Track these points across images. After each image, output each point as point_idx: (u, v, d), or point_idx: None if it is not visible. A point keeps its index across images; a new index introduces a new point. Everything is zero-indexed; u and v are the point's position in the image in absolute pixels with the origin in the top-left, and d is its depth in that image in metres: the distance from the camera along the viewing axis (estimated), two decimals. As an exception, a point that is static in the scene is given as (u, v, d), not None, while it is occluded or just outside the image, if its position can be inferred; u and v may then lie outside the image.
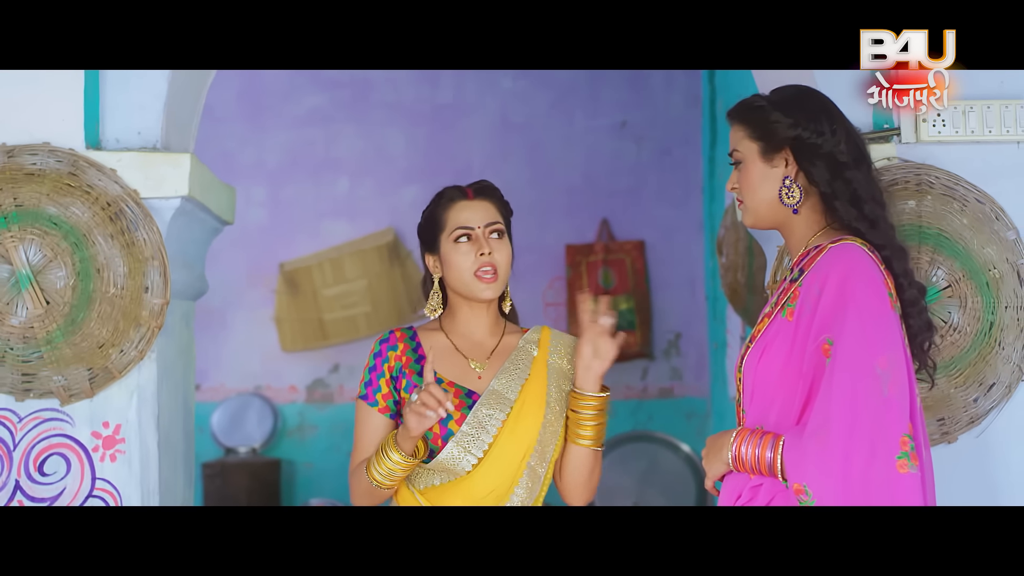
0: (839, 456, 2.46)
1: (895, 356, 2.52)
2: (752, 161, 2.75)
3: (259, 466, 6.96)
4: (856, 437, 2.47)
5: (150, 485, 3.61)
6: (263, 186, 7.17)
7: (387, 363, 2.95)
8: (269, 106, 7.27)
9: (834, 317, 2.54)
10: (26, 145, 3.54)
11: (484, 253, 2.91)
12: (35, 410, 3.56)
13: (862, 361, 2.50)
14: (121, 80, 3.63)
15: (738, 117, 2.80)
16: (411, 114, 7.29)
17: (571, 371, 2.99)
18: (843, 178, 2.68)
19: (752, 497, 2.60)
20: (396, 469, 2.82)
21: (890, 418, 2.48)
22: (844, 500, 2.46)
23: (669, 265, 7.09)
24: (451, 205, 2.98)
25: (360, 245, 7.19)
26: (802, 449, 2.52)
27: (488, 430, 2.88)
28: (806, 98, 2.78)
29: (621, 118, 7.21)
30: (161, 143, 3.63)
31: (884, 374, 2.49)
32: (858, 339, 2.51)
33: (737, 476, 2.66)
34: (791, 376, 2.62)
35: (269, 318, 7.29)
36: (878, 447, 2.46)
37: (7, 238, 3.49)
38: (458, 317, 3.03)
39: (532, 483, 2.90)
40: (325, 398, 7.27)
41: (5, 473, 3.57)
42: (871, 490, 2.45)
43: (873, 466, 2.46)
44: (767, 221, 2.77)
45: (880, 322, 2.54)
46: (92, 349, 3.51)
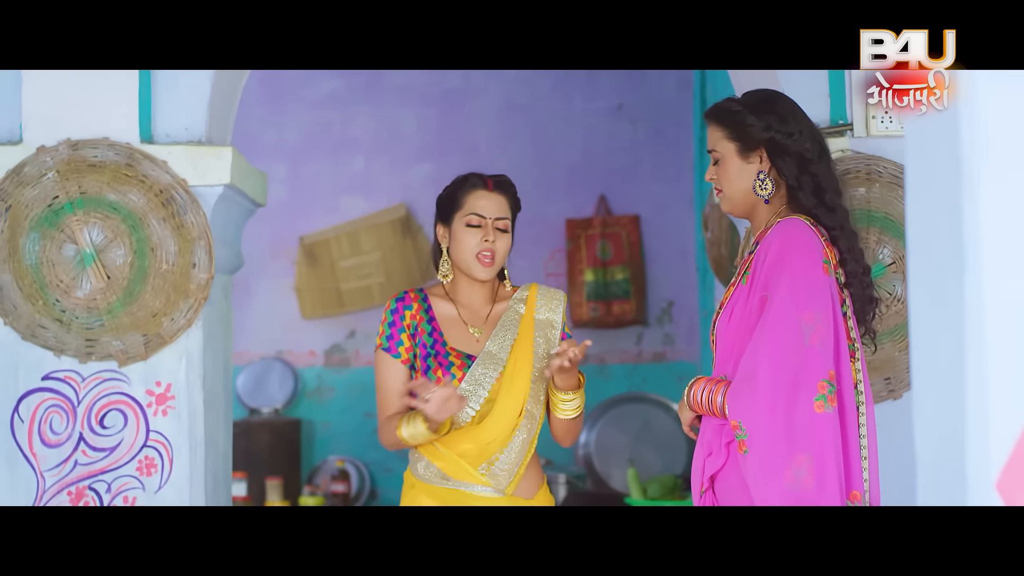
0: (766, 397, 2.67)
1: (822, 313, 2.71)
2: (730, 159, 2.94)
3: (281, 425, 6.94)
4: (780, 380, 2.67)
5: (196, 436, 3.79)
6: (284, 165, 7.14)
7: (404, 320, 3.21)
8: (289, 91, 7.23)
9: (771, 277, 2.76)
10: (88, 140, 3.72)
11: (488, 240, 3.18)
12: (96, 371, 3.76)
13: (789, 315, 2.70)
14: (170, 82, 3.81)
15: (716, 120, 2.97)
16: (422, 97, 7.24)
17: (557, 321, 3.26)
18: (809, 172, 2.89)
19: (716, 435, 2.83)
20: (420, 437, 3.08)
21: (810, 365, 2.67)
22: (770, 434, 2.66)
23: (662, 238, 7.08)
24: (472, 191, 3.23)
25: (375, 220, 7.20)
26: (736, 391, 2.73)
27: (484, 386, 3.16)
28: (776, 102, 2.97)
29: (617, 101, 7.18)
30: (205, 137, 3.82)
31: (808, 327, 2.68)
32: (788, 296, 2.72)
33: (707, 420, 2.89)
34: (744, 331, 2.82)
35: (290, 288, 7.31)
36: (798, 390, 2.66)
37: (73, 221, 3.68)
38: (459, 286, 3.27)
39: (530, 424, 3.17)
40: (342, 362, 7.29)
41: (70, 426, 3.74)
42: (792, 426, 2.66)
43: (794, 405, 2.66)
44: (741, 208, 2.97)
45: (811, 283, 2.74)
46: (147, 318, 3.72)
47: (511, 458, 3.17)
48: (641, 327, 7.16)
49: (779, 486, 2.65)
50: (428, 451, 3.18)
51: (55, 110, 3.77)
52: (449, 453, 3.15)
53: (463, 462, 3.15)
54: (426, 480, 3.20)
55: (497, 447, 3.15)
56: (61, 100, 3.77)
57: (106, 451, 3.76)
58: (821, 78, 3.76)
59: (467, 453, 3.16)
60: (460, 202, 3.24)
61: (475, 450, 3.15)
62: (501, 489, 3.16)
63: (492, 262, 3.21)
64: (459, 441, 3.15)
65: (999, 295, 1.83)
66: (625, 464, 6.30)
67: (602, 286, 7.07)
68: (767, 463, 2.67)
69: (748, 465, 2.70)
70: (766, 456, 2.67)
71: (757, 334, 2.74)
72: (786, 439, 2.66)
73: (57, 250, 3.71)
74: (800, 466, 2.64)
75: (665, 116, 7.04)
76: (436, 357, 3.19)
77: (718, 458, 2.83)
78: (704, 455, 2.86)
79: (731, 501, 2.81)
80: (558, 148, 7.22)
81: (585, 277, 7.10)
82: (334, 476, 6.41)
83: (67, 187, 3.70)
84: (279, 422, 7.00)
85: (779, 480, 2.65)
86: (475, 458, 3.16)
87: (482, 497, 3.15)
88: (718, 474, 2.84)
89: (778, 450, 2.67)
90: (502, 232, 3.23)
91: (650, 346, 7.20)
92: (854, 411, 2.78)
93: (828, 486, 2.65)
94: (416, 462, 3.22)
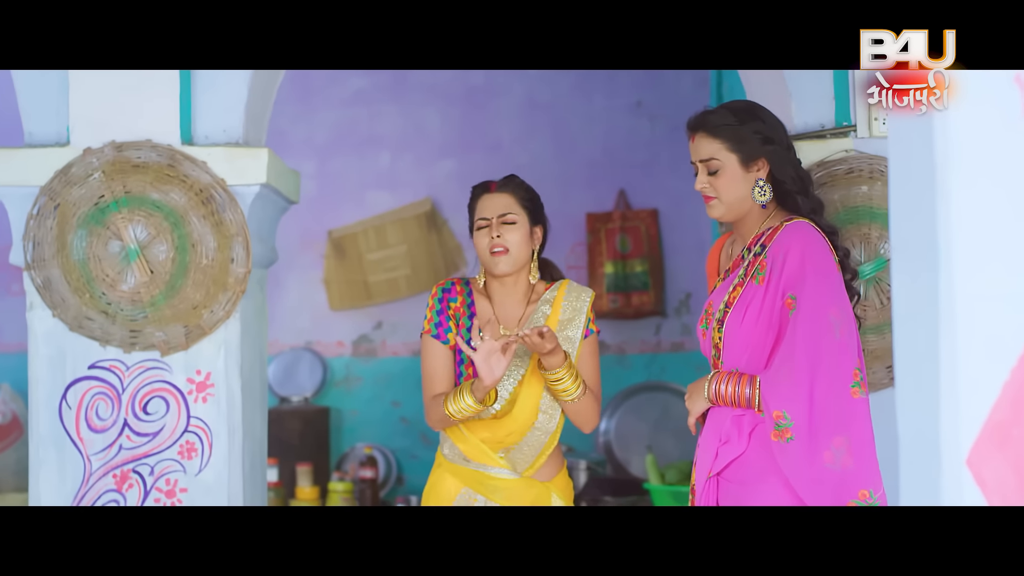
0: (806, 386, 2.82)
1: (844, 307, 2.89)
2: (731, 168, 3.03)
3: (310, 413, 7.02)
4: (819, 370, 2.83)
5: (234, 422, 3.91)
6: (313, 161, 7.18)
7: (450, 309, 3.36)
8: (318, 90, 7.25)
9: (796, 278, 2.88)
10: (132, 142, 3.85)
11: (495, 236, 3.32)
12: (140, 360, 3.89)
13: (819, 311, 2.85)
14: (208, 86, 3.93)
15: (712, 132, 3.06)
16: (446, 95, 7.25)
17: (580, 320, 3.39)
18: (799, 176, 3.07)
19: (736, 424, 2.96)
20: (467, 410, 3.23)
21: (843, 355, 2.84)
22: (813, 421, 2.81)
23: (680, 231, 7.08)
24: (478, 199, 3.42)
25: (400, 214, 7.25)
26: (776, 384, 2.87)
27: (506, 387, 3.32)
28: (763, 112, 3.10)
29: (636, 98, 7.18)
30: (242, 139, 3.94)
31: (836, 322, 2.85)
32: (816, 295, 2.86)
33: (718, 411, 3.02)
34: (761, 328, 2.95)
35: (319, 280, 7.34)
36: (836, 378, 2.83)
37: (119, 219, 3.81)
38: (491, 287, 3.43)
39: (548, 422, 3.33)
40: (369, 352, 7.34)
41: (115, 412, 3.87)
42: (833, 412, 2.82)
43: (833, 392, 2.82)
44: (735, 214, 3.06)
45: (831, 281, 2.90)
46: (188, 310, 3.85)
47: (528, 449, 3.35)
48: (659, 318, 7.18)
49: (822, 468, 2.81)
50: (454, 434, 3.36)
51: (100, 114, 3.89)
52: (472, 437, 3.33)
53: (483, 446, 3.32)
54: (451, 460, 3.38)
55: (514, 439, 3.32)
56: (106, 104, 3.89)
57: (149, 436, 3.89)
58: (826, 81, 3.86)
59: (487, 440, 3.33)
60: (472, 211, 3.45)
61: (494, 439, 3.33)
62: (518, 472, 3.33)
63: (504, 252, 3.34)
64: (481, 429, 3.33)
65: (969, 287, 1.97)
66: (644, 451, 6.42)
67: (622, 278, 7.10)
68: (810, 448, 2.82)
69: (790, 452, 2.84)
70: (810, 442, 2.82)
71: (791, 332, 2.88)
72: (828, 425, 2.82)
73: (103, 246, 3.84)
74: (839, 447, 2.80)
75: (683, 113, 6.37)
76: None
77: (737, 446, 2.96)
78: (718, 443, 2.99)
79: (752, 484, 2.94)
80: (579, 144, 7.24)
81: (605, 269, 7.12)
82: (362, 462, 6.54)
83: (112, 187, 3.83)
84: (309, 410, 7.08)
85: (819, 462, 2.81)
86: (494, 444, 3.34)
87: (500, 479, 3.33)
88: (734, 461, 2.97)
89: (820, 435, 2.82)
90: (510, 225, 3.36)
91: (668, 336, 7.22)
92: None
93: (871, 463, 2.83)
94: (443, 444, 3.41)
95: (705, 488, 3.03)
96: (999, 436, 2.00)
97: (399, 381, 7.24)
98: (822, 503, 2.82)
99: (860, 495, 2.82)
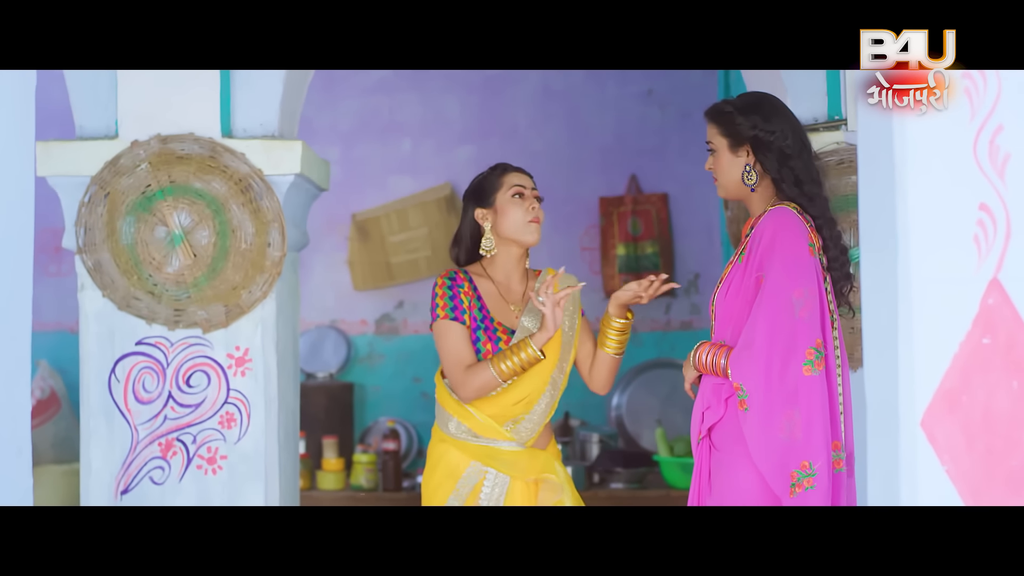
0: (762, 361, 2.97)
1: (809, 289, 2.99)
2: (723, 152, 3.22)
3: (335, 389, 7.10)
4: (774, 347, 2.97)
5: (271, 394, 4.10)
6: (337, 146, 7.25)
7: (460, 294, 3.44)
8: (342, 79, 7.29)
9: (766, 258, 3.02)
10: (175, 135, 4.04)
11: (534, 208, 3.46)
12: (183, 337, 4.08)
13: (782, 291, 2.98)
14: (246, 84, 4.12)
15: (711, 118, 3.25)
16: (465, 83, 7.31)
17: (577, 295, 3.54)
18: (788, 166, 3.15)
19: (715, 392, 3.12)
20: (526, 362, 3.34)
21: (799, 334, 2.97)
22: (766, 394, 2.95)
23: (689, 215, 7.16)
24: (507, 172, 3.52)
25: (422, 198, 7.33)
26: (737, 357, 3.02)
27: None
28: (762, 104, 3.22)
29: (648, 87, 7.27)
30: (277, 132, 4.13)
31: (798, 302, 2.97)
32: (780, 275, 2.99)
33: (706, 378, 3.18)
34: (740, 304, 3.10)
35: (343, 261, 7.43)
36: (789, 355, 2.96)
37: (164, 207, 3.99)
38: (498, 262, 3.49)
39: (553, 391, 3.49)
40: (391, 330, 7.43)
41: (160, 385, 4.06)
42: (785, 387, 2.95)
43: (786, 368, 2.96)
44: (732, 195, 3.25)
45: (799, 264, 3.01)
46: (228, 291, 4.04)
47: (533, 419, 3.50)
48: (669, 298, 7.26)
49: (774, 438, 2.99)
50: (459, 413, 3.48)
51: (146, 109, 4.08)
52: (480, 414, 3.46)
53: (491, 421, 3.46)
54: (456, 437, 3.50)
55: (521, 410, 3.46)
56: (152, 100, 4.08)
57: (192, 407, 4.10)
58: (819, 78, 4.07)
59: (495, 415, 3.47)
60: (499, 183, 3.49)
61: (501, 412, 3.47)
62: (523, 443, 3.49)
63: (539, 222, 3.50)
64: (488, 405, 3.46)
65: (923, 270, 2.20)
66: (654, 424, 6.58)
67: (633, 259, 7.20)
68: (763, 419, 3.00)
69: (747, 421, 3.03)
70: (763, 413, 3.00)
71: (755, 309, 3.02)
72: (780, 398, 2.97)
73: (150, 232, 4.04)
74: (791, 420, 2.97)
75: (692, 101, 7.04)
76: (485, 331, 3.46)
77: (716, 411, 3.15)
78: (703, 408, 3.19)
79: (727, 448, 3.13)
80: (592, 131, 7.33)
81: (617, 251, 7.23)
82: (385, 435, 6.67)
83: (158, 176, 4.02)
84: (334, 386, 7.18)
85: (773, 433, 2.99)
86: (501, 418, 3.48)
87: (507, 451, 3.47)
88: (716, 425, 3.16)
89: (774, 408, 2.98)
90: (539, 203, 3.52)
91: (678, 315, 7.31)
92: (848, 383, 3.10)
93: (815, 437, 2.99)
94: (447, 422, 3.51)
95: (699, 451, 3.22)
96: (950, 401, 2.21)
97: (420, 358, 7.34)
98: (770, 471, 2.98)
99: (801, 465, 2.96)
